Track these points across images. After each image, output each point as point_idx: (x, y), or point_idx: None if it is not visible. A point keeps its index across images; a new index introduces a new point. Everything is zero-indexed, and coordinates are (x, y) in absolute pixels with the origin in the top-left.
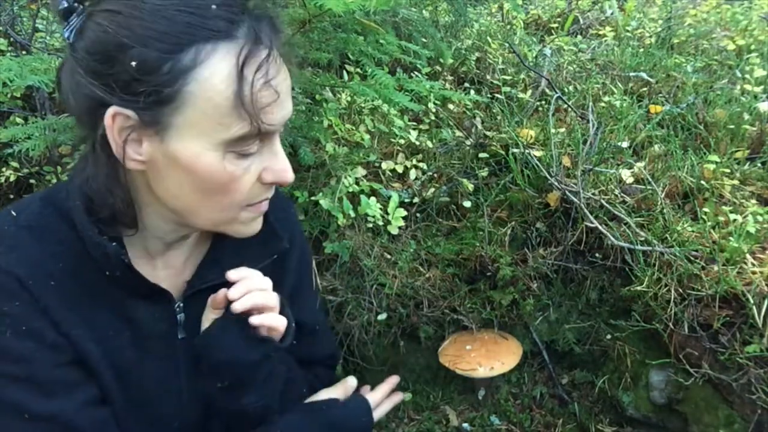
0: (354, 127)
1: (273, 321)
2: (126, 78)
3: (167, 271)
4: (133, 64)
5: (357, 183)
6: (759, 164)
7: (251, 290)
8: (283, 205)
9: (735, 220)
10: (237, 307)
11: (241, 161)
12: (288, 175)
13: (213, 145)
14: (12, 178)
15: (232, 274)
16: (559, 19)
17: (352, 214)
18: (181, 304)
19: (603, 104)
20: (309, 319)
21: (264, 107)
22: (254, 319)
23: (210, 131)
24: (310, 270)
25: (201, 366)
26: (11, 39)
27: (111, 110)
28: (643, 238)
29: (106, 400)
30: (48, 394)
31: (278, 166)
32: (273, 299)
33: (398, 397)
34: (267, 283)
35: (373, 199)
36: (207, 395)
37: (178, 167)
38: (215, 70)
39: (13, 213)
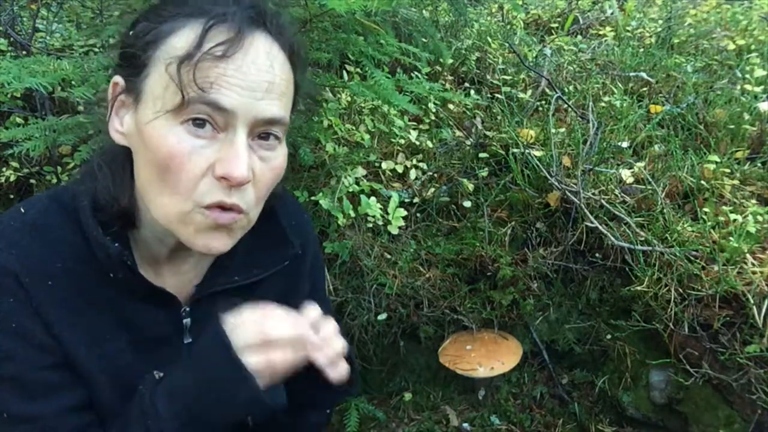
0: (354, 127)
1: (344, 370)
2: (124, 47)
3: (175, 276)
4: (131, 33)
5: (357, 183)
6: (759, 164)
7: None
8: (296, 211)
9: (735, 220)
10: (333, 375)
11: (190, 139)
12: (234, 168)
13: (163, 114)
14: (12, 179)
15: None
16: (559, 19)
17: (352, 214)
18: (188, 309)
19: (603, 104)
20: None
21: (210, 81)
22: (334, 374)
23: (161, 97)
24: (323, 278)
25: None
26: (11, 39)
27: (113, 79)
28: (643, 238)
29: (97, 404)
30: (29, 396)
31: (229, 156)
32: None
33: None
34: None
35: (373, 199)
36: None
37: (141, 140)
38: (181, 37)
39: (22, 210)
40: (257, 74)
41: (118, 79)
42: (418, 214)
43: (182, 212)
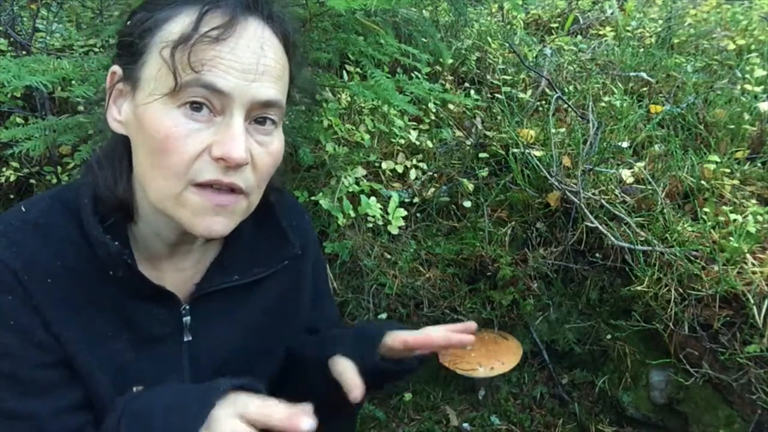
0: (354, 127)
1: None
2: (121, 37)
3: (175, 274)
4: (128, 23)
5: (357, 183)
6: (759, 164)
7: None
8: (296, 212)
9: (735, 220)
10: None
11: (187, 122)
12: (232, 149)
13: (160, 98)
14: (12, 178)
15: None
16: (559, 19)
17: (352, 214)
18: (188, 307)
19: (603, 104)
20: (327, 328)
21: (204, 63)
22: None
23: (159, 82)
24: (325, 277)
25: None
26: (11, 39)
27: (111, 68)
28: (643, 238)
29: (97, 403)
30: (26, 394)
31: (226, 138)
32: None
33: None
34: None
35: (373, 199)
36: None
37: (138, 124)
38: (177, 23)
39: (23, 209)
40: (251, 57)
41: (115, 68)
42: (418, 214)
43: (176, 193)
